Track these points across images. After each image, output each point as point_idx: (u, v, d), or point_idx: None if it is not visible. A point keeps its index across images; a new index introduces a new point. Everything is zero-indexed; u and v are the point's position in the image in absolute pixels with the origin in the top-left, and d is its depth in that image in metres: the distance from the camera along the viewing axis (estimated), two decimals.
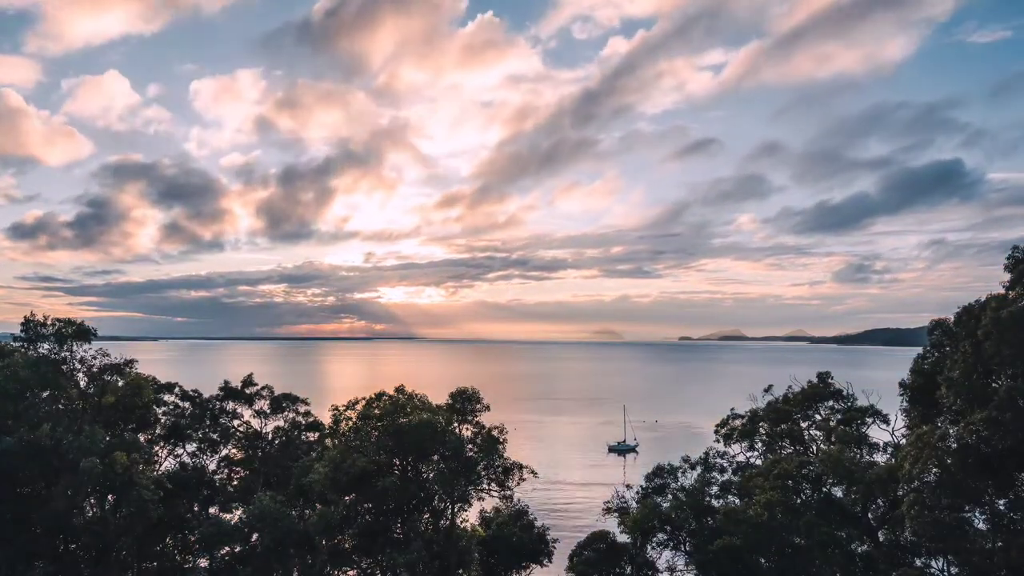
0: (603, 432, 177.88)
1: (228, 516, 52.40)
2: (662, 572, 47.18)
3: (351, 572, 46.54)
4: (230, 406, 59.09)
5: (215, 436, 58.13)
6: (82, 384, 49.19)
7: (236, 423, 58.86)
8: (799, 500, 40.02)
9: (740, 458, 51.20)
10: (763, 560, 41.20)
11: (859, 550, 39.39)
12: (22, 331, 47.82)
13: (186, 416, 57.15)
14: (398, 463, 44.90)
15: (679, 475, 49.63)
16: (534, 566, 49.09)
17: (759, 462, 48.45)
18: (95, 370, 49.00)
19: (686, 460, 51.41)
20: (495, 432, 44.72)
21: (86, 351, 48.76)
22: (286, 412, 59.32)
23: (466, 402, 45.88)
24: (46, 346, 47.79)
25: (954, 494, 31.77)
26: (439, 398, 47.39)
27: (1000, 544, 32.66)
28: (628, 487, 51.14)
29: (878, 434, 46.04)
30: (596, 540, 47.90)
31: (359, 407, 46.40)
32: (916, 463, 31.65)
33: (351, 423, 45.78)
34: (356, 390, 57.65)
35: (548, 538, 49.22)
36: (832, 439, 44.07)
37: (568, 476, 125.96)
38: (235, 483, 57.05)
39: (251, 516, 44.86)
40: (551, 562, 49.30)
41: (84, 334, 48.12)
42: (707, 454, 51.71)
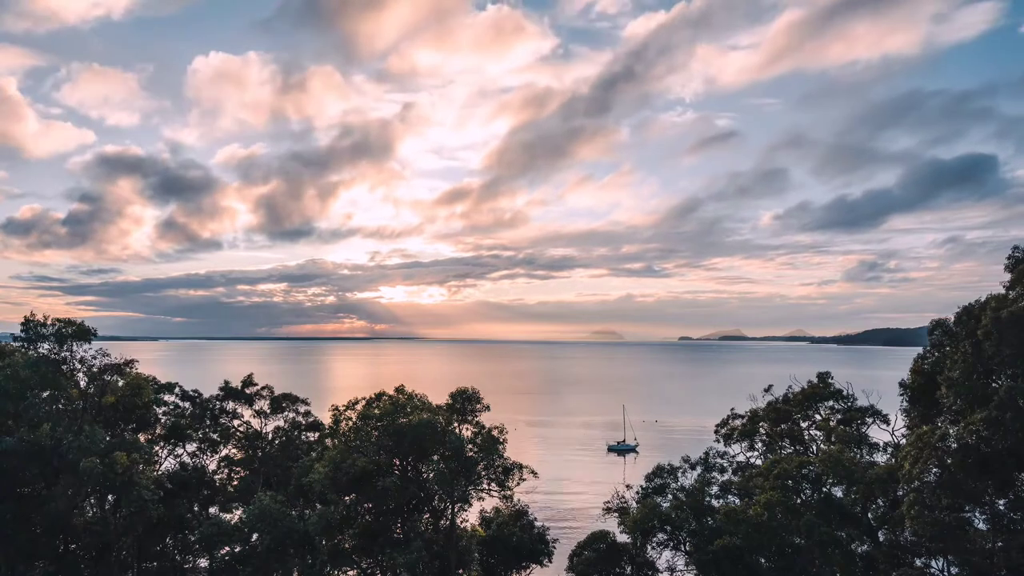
0: (603, 432, 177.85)
1: (228, 516, 52.39)
2: (662, 572, 47.15)
3: (351, 572, 46.52)
4: (230, 406, 59.12)
5: (215, 436, 58.15)
6: (82, 384, 49.18)
7: (236, 423, 58.87)
8: (799, 500, 40.01)
9: (740, 458, 51.22)
10: (763, 560, 41.20)
11: (859, 550, 39.38)
12: (22, 331, 47.80)
13: (186, 416, 57.17)
14: (398, 463, 44.88)
15: (679, 475, 49.59)
16: (534, 566, 49.05)
17: (759, 462, 48.47)
18: (95, 370, 48.99)
19: (686, 460, 51.39)
20: (495, 432, 44.67)
21: (86, 351, 48.77)
22: (286, 412, 59.34)
23: (466, 402, 45.83)
24: (46, 346, 47.77)
25: (954, 494, 31.80)
26: (439, 398, 47.38)
27: (1000, 544, 32.70)
28: (628, 487, 51.09)
29: (878, 434, 46.07)
30: (596, 540, 47.86)
31: (359, 407, 46.36)
32: (916, 463, 31.65)
33: (351, 423, 45.74)
34: (356, 390, 57.62)
35: (548, 538, 49.17)
36: (832, 439, 44.08)
37: (568, 476, 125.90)
38: (235, 483, 57.04)
39: (251, 516, 44.83)
40: (551, 562, 49.26)
41: (84, 334, 48.10)
42: (707, 454, 51.72)
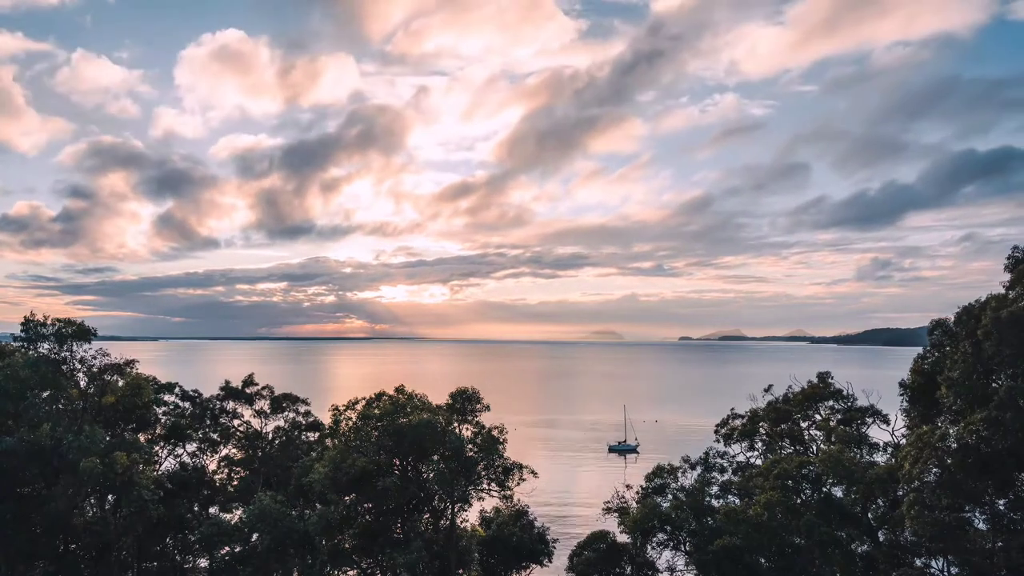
0: (603, 432, 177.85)
1: (228, 516, 52.39)
2: (662, 572, 47.15)
3: (351, 572, 46.53)
4: (230, 406, 59.11)
5: (215, 436, 58.15)
6: (82, 384, 49.17)
7: (236, 423, 58.86)
8: (799, 500, 40.01)
9: (740, 458, 51.23)
10: (763, 560, 41.21)
11: (859, 550, 39.39)
12: (22, 331, 47.80)
13: (186, 416, 57.16)
14: (398, 463, 44.88)
15: (679, 475, 49.59)
16: (534, 566, 49.05)
17: (759, 462, 48.47)
18: (95, 370, 48.98)
19: (686, 460, 51.41)
20: (495, 432, 44.68)
21: (86, 351, 48.77)
22: (286, 412, 59.34)
23: (466, 402, 45.84)
24: (46, 346, 47.77)
25: (954, 494, 31.80)
26: (439, 398, 47.38)
27: (1000, 544, 32.70)
28: (628, 487, 51.09)
29: (878, 434, 46.06)
30: (596, 540, 47.88)
31: (359, 407, 46.36)
32: (916, 463, 31.65)
33: (351, 423, 45.74)
34: (356, 390, 57.62)
35: (548, 538, 49.16)
36: (832, 439, 44.07)
37: (568, 476, 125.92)
38: (235, 483, 57.04)
39: (251, 516, 44.83)
40: (551, 562, 49.26)
41: (84, 334, 48.10)
42: (707, 454, 51.73)
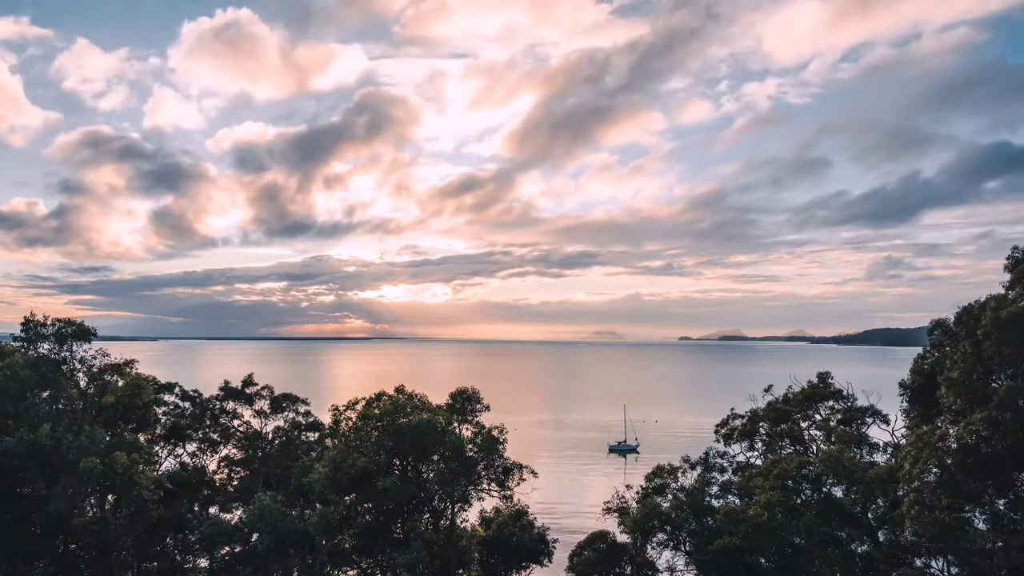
0: (603, 432, 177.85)
1: (228, 516, 52.40)
2: (662, 572, 47.14)
3: (351, 572, 46.51)
4: (230, 406, 59.14)
5: (215, 436, 58.19)
6: (82, 384, 49.18)
7: (236, 423, 58.88)
8: (799, 500, 40.00)
9: (740, 458, 51.21)
10: (763, 560, 41.20)
11: (859, 550, 39.40)
12: (22, 331, 47.82)
13: (186, 416, 57.18)
14: (398, 463, 44.87)
15: (679, 475, 49.57)
16: (534, 566, 49.04)
17: (759, 462, 48.46)
18: (95, 370, 49.00)
19: (686, 460, 51.38)
20: (495, 432, 44.67)
21: (86, 351, 48.79)
22: (286, 412, 59.36)
23: (466, 402, 45.84)
24: (46, 346, 47.79)
25: (954, 494, 31.80)
26: (439, 398, 47.38)
27: (1000, 544, 32.70)
28: (628, 487, 51.07)
29: (878, 434, 46.05)
30: (596, 540, 47.85)
31: (359, 407, 46.35)
32: (916, 463, 31.65)
33: (351, 423, 45.73)
34: (356, 390, 57.62)
35: (548, 538, 49.15)
36: (832, 439, 44.08)
37: (568, 476, 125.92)
38: (235, 483, 57.06)
39: (251, 516, 44.84)
40: (551, 562, 49.23)
41: (84, 334, 48.11)
42: (707, 454, 51.70)
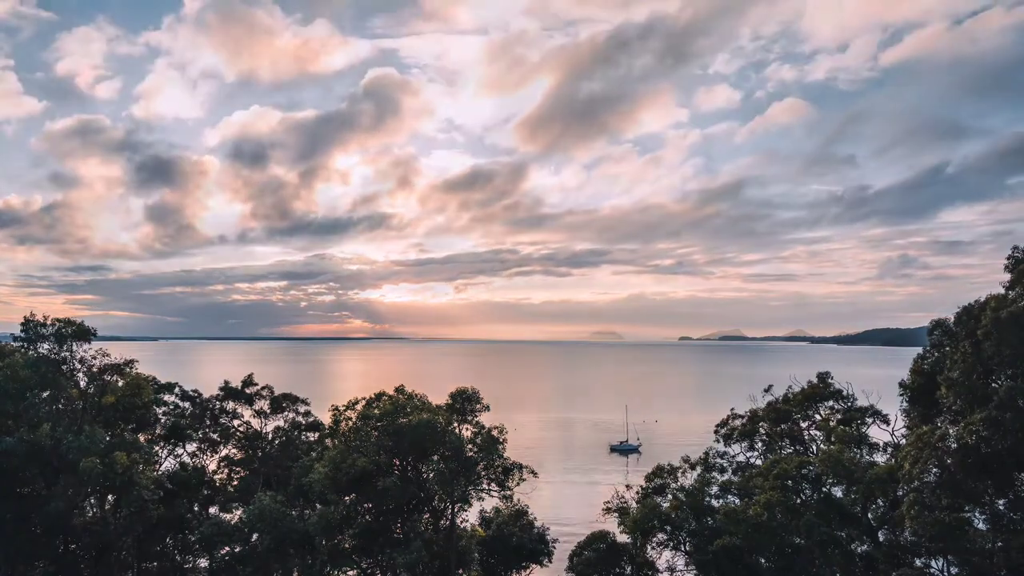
0: (604, 432, 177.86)
1: (228, 516, 52.41)
2: (662, 572, 47.14)
3: (351, 572, 46.50)
4: (230, 406, 59.14)
5: (215, 436, 58.20)
6: (82, 384, 49.19)
7: (236, 423, 58.89)
8: (799, 500, 40.00)
9: (740, 458, 51.18)
10: (763, 560, 41.19)
11: (859, 550, 39.38)
12: (22, 331, 47.84)
13: (186, 416, 57.19)
14: (398, 463, 44.86)
15: (679, 475, 49.56)
16: (534, 566, 49.05)
17: (759, 462, 48.44)
18: (95, 370, 49.01)
19: (686, 460, 51.35)
20: (495, 432, 44.67)
21: (86, 351, 48.80)
22: (286, 412, 59.37)
23: (466, 402, 45.82)
24: (46, 346, 47.81)
25: (954, 494, 31.77)
26: (439, 398, 47.38)
27: (1000, 544, 32.69)
28: (628, 487, 51.08)
29: (878, 434, 46.04)
30: (596, 540, 47.86)
31: (359, 407, 46.35)
32: (916, 463, 31.64)
33: (351, 423, 45.74)
34: (356, 390, 57.65)
35: (548, 538, 49.17)
36: (832, 439, 44.05)
37: (568, 476, 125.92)
38: (235, 483, 57.05)
39: (251, 516, 44.84)
40: (551, 562, 49.25)
41: (84, 334, 48.13)
42: (707, 454, 51.67)
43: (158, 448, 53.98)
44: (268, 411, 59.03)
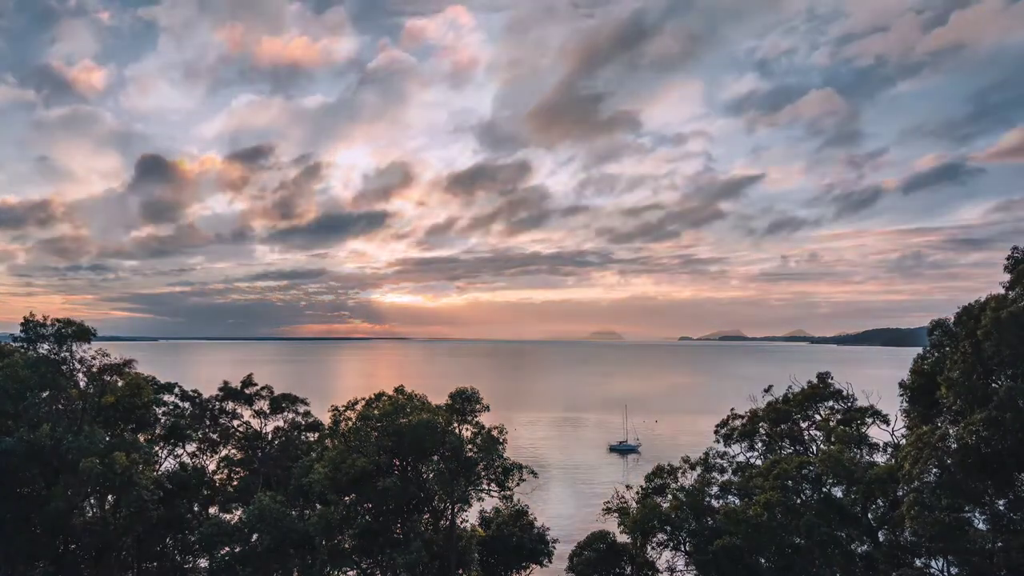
0: (604, 432, 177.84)
1: (228, 516, 52.37)
2: (662, 572, 47.13)
3: (351, 572, 46.50)
4: (230, 406, 59.12)
5: (215, 436, 58.17)
6: (82, 384, 49.19)
7: (236, 423, 58.86)
8: (799, 500, 39.99)
9: (740, 458, 51.12)
10: (763, 560, 41.17)
11: (859, 550, 39.36)
12: (22, 331, 47.85)
13: (186, 416, 57.16)
14: (398, 463, 44.87)
15: (679, 475, 49.55)
16: (534, 566, 49.06)
17: (759, 462, 48.41)
18: (95, 370, 49.01)
19: (686, 460, 51.32)
20: (495, 432, 44.69)
21: (86, 351, 48.79)
22: (286, 412, 59.34)
23: (465, 402, 45.82)
24: (46, 346, 47.83)
25: (954, 494, 31.76)
26: (439, 398, 47.38)
27: (1000, 544, 32.66)
28: (628, 487, 51.08)
29: (878, 434, 46.03)
30: (596, 540, 47.87)
31: (359, 407, 46.38)
32: (916, 463, 31.64)
33: (351, 423, 45.75)
34: (356, 390, 57.65)
35: (548, 538, 49.18)
36: (832, 439, 44.04)
37: (568, 476, 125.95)
38: (235, 483, 57.02)
39: (251, 516, 44.84)
40: (551, 562, 49.26)
41: (84, 334, 48.13)
42: (707, 454, 51.62)
43: (158, 448, 53.94)
44: (268, 411, 59.01)
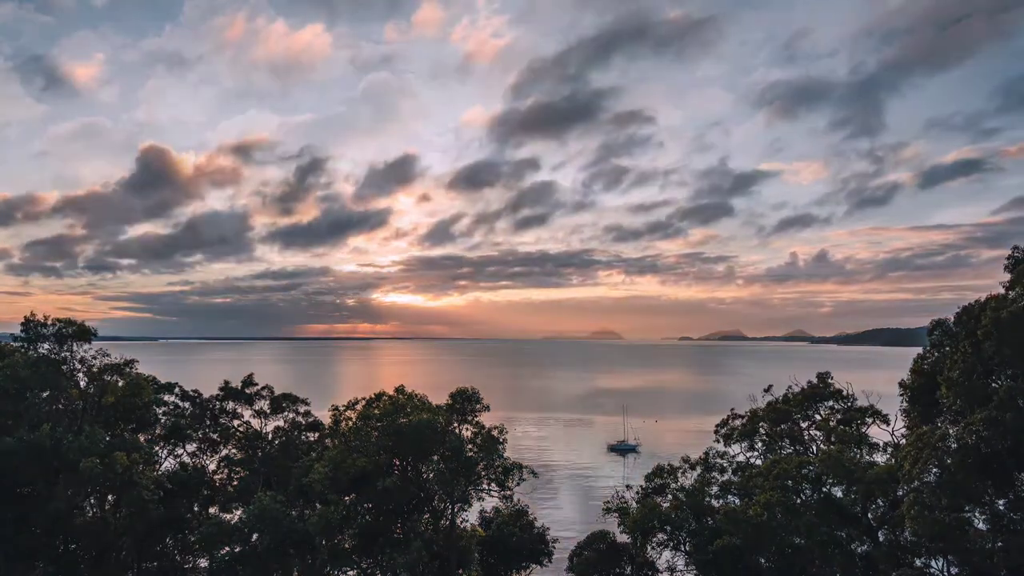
0: (603, 432, 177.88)
1: (228, 516, 52.36)
2: (662, 572, 47.16)
3: (351, 572, 46.51)
4: (230, 406, 59.08)
5: (215, 436, 58.12)
6: (82, 384, 49.16)
7: (236, 423, 58.82)
8: (799, 500, 40.00)
9: (740, 458, 51.15)
10: (763, 560, 41.19)
11: (859, 550, 39.38)
12: (22, 331, 47.82)
13: (186, 416, 57.13)
14: (398, 463, 44.88)
15: (679, 475, 49.58)
16: (534, 566, 49.07)
17: (759, 462, 48.43)
18: (95, 370, 48.98)
19: (686, 460, 51.36)
20: (495, 432, 44.70)
21: (86, 351, 48.77)
22: (286, 412, 59.29)
23: (466, 402, 45.85)
24: (46, 346, 47.79)
25: (954, 494, 31.77)
26: (439, 398, 47.39)
27: (1000, 544, 32.68)
28: (628, 487, 51.09)
29: (878, 434, 46.06)
30: (596, 540, 47.90)
31: (359, 407, 46.40)
32: (916, 463, 31.66)
33: (351, 423, 45.77)
34: (357, 390, 57.65)
35: (548, 538, 49.19)
36: (832, 439, 44.07)
37: (568, 476, 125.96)
38: (235, 483, 56.99)
39: (251, 516, 44.83)
40: (551, 562, 49.29)
41: (84, 334, 48.11)
42: (707, 454, 51.65)
43: (158, 448, 53.91)
44: (268, 411, 58.97)
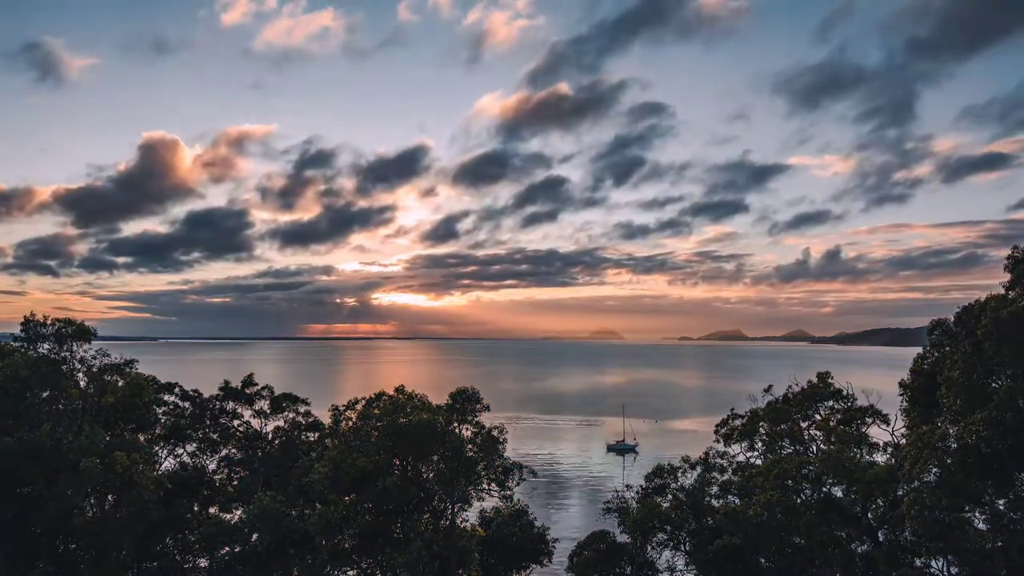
0: (603, 432, 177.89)
1: (228, 516, 52.38)
2: (662, 572, 47.13)
3: (351, 572, 46.47)
4: (230, 406, 59.11)
5: (215, 436, 58.14)
6: (82, 384, 49.14)
7: (236, 423, 58.85)
8: (799, 500, 40.00)
9: (740, 458, 51.17)
10: (763, 560, 41.19)
11: (859, 550, 39.39)
12: (22, 331, 47.80)
13: (186, 416, 57.16)
14: (398, 463, 44.86)
15: (679, 475, 49.54)
16: (534, 566, 49.05)
17: (759, 462, 48.44)
18: (95, 370, 48.96)
19: (686, 460, 51.32)
20: (495, 432, 44.67)
21: (86, 351, 48.74)
22: (286, 412, 59.33)
23: (466, 402, 45.80)
24: (46, 346, 47.76)
25: (954, 494, 31.78)
26: (439, 398, 47.39)
27: (1000, 544, 32.70)
28: (628, 487, 51.07)
29: (878, 434, 46.07)
30: (596, 540, 47.85)
31: (359, 407, 46.36)
32: (916, 463, 31.68)
33: (351, 423, 45.74)
34: (357, 390, 57.66)
35: (548, 538, 49.17)
36: (832, 439, 44.08)
37: (568, 476, 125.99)
38: (235, 483, 57.02)
39: (251, 516, 44.83)
40: (551, 562, 49.27)
41: (84, 334, 48.08)
42: (707, 454, 51.63)
43: (158, 448, 53.92)
44: (268, 411, 59.00)
